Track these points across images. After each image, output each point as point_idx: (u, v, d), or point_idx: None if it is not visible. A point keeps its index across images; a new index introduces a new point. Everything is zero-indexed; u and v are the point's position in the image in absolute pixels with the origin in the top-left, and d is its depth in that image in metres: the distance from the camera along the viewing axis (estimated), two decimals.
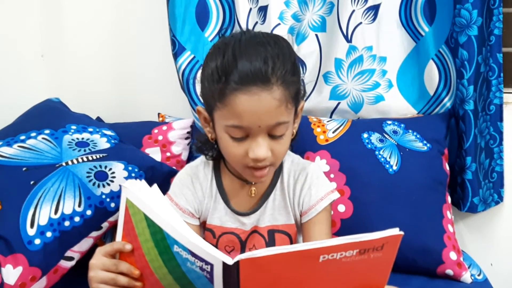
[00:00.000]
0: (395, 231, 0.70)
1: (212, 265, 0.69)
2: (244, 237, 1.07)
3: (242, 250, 1.07)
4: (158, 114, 1.62)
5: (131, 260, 0.82)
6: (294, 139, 1.07)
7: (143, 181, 0.82)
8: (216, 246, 1.07)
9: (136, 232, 0.79)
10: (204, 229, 1.10)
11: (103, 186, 1.21)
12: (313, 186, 1.07)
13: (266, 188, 1.08)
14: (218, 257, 0.68)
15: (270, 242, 1.06)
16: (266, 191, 1.07)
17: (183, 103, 1.60)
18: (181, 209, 1.07)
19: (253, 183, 1.06)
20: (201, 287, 0.73)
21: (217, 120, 0.95)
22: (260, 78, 0.87)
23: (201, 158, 1.12)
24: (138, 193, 0.78)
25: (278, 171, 1.08)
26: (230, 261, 0.67)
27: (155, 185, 0.83)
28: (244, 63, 0.88)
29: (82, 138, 1.31)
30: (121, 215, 0.82)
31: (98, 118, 1.63)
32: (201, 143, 1.08)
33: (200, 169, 1.10)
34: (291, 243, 1.07)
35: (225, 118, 0.92)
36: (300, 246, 0.68)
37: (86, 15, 1.73)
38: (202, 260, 0.70)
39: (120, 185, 1.21)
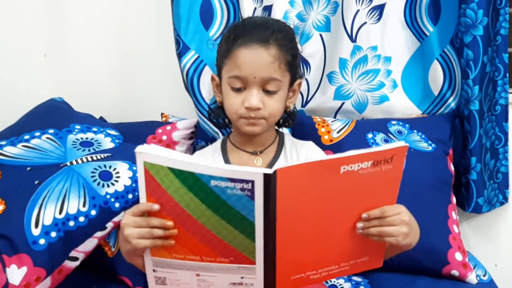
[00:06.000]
0: (402, 143, 0.80)
1: (253, 182, 0.76)
2: None
3: None
4: (162, 114, 1.61)
5: (160, 216, 0.83)
6: (293, 119, 1.21)
7: (153, 144, 0.83)
8: None
9: (164, 187, 0.81)
10: None
11: (108, 186, 1.20)
12: (317, 153, 1.17)
13: (270, 159, 1.15)
14: (259, 172, 0.76)
15: None
16: (271, 161, 1.15)
17: (186, 103, 1.60)
18: None
19: (258, 153, 1.15)
20: (241, 208, 0.79)
21: (223, 76, 1.10)
22: (261, 38, 1.05)
23: (210, 145, 1.25)
24: (156, 152, 0.80)
25: (281, 146, 1.18)
26: (270, 171, 0.75)
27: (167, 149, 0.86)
28: (250, 28, 1.07)
29: (87, 138, 1.31)
30: (140, 181, 0.82)
31: (101, 118, 1.62)
32: (214, 112, 1.22)
33: (208, 150, 1.22)
34: None
35: (229, 71, 1.07)
36: (325, 157, 0.79)
37: (89, 15, 1.73)
38: (242, 181, 0.77)
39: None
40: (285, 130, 1.41)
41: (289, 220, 0.79)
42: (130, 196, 1.23)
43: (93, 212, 1.17)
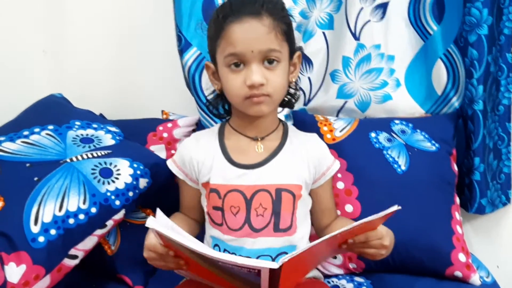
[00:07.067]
0: (394, 208, 0.89)
1: (260, 270, 0.81)
2: (249, 194, 1.07)
3: (248, 211, 1.06)
4: (162, 111, 1.60)
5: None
6: (296, 98, 1.18)
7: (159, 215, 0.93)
8: (222, 208, 1.07)
9: (176, 247, 0.89)
10: (209, 191, 1.10)
11: (108, 183, 1.18)
12: (325, 148, 1.18)
13: (274, 148, 1.11)
14: (265, 266, 0.80)
15: (277, 200, 1.07)
16: (275, 150, 1.11)
17: (186, 100, 1.58)
18: (181, 169, 1.15)
19: (259, 139, 1.10)
20: (248, 276, 0.83)
21: (218, 59, 1.05)
22: (251, 10, 1.00)
23: (207, 129, 1.23)
24: (165, 232, 0.85)
25: (285, 135, 1.14)
26: (276, 265, 0.80)
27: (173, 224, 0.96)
28: (238, 4, 1.02)
29: (87, 134, 1.29)
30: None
31: (101, 115, 1.60)
32: (212, 103, 1.18)
33: (204, 133, 1.18)
34: (294, 203, 1.08)
35: (223, 51, 1.02)
36: (327, 237, 0.85)
37: (89, 10, 1.71)
38: (249, 267, 0.81)
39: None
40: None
41: (292, 274, 0.87)
42: (130, 193, 1.21)
43: (93, 210, 1.15)
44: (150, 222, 0.87)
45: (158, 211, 0.97)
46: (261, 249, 1.06)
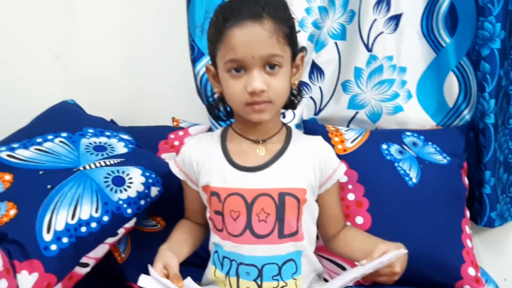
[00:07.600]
0: (402, 251, 0.99)
1: None
2: (250, 198, 1.04)
3: (249, 216, 1.04)
4: (173, 118, 1.60)
5: None
6: (299, 100, 1.15)
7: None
8: (222, 212, 1.05)
9: None
10: (210, 195, 1.07)
11: (120, 191, 1.19)
12: (330, 150, 1.14)
13: (277, 150, 1.08)
14: None
15: (280, 205, 1.03)
16: (277, 152, 1.08)
17: (197, 108, 1.58)
18: (182, 170, 1.14)
19: (261, 141, 1.08)
20: None
21: (219, 63, 1.02)
22: (252, 14, 0.96)
23: (210, 132, 1.22)
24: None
25: (288, 138, 1.11)
26: None
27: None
28: (238, 6, 0.98)
29: (100, 142, 1.29)
30: None
31: (112, 121, 1.61)
32: (213, 105, 1.15)
33: (206, 136, 1.16)
34: (299, 208, 1.05)
35: (224, 56, 0.99)
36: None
37: (101, 16, 1.71)
38: None
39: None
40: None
41: None
42: (142, 202, 1.22)
43: (106, 218, 1.15)
44: (142, 281, 0.93)
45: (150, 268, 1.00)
46: (266, 256, 1.04)
